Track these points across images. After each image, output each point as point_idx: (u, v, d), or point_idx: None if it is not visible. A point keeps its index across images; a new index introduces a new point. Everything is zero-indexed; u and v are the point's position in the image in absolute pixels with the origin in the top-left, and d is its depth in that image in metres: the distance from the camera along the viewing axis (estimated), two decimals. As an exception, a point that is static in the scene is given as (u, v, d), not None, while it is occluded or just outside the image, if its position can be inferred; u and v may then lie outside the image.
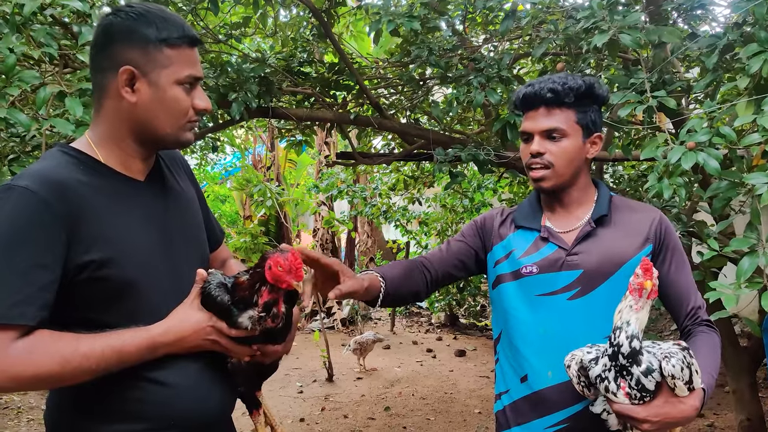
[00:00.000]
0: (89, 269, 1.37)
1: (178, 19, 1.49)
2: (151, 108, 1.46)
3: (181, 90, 1.47)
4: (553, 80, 1.84)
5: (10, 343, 1.28)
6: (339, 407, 6.39)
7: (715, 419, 5.45)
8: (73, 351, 1.34)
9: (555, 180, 1.85)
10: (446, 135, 4.49)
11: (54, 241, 1.33)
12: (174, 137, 1.51)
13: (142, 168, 1.55)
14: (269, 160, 12.81)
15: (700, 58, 2.77)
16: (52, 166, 1.42)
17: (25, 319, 1.30)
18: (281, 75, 4.27)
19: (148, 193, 1.55)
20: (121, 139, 1.49)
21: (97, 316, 1.42)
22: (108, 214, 1.43)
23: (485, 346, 9.20)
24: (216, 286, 1.50)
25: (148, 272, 1.47)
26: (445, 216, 9.34)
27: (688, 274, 1.89)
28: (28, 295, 1.30)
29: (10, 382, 1.30)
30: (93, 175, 1.45)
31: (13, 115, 2.20)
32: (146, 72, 1.44)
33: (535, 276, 1.86)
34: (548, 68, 4.57)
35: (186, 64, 1.47)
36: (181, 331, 1.46)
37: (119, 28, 1.44)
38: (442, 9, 3.92)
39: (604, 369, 1.56)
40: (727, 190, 2.37)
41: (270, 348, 1.57)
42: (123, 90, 1.44)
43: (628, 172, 5.51)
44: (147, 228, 1.51)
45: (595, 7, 2.68)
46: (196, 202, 1.73)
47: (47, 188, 1.34)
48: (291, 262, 1.44)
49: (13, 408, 6.15)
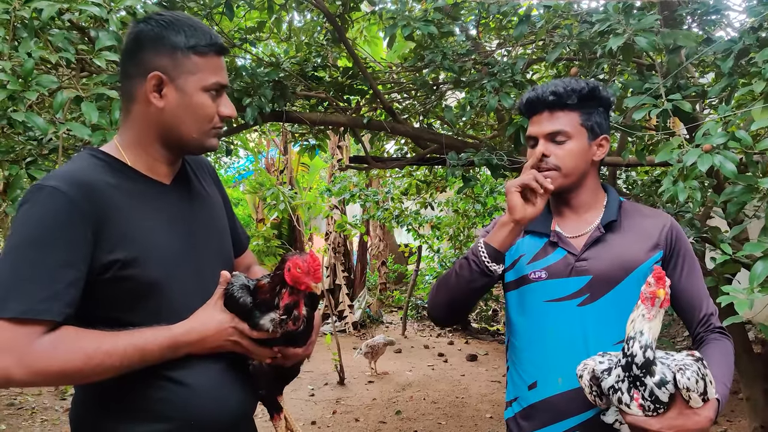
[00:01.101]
0: (114, 268, 1.41)
1: (206, 27, 1.53)
2: (178, 113, 1.50)
3: (207, 96, 1.51)
4: (555, 83, 1.84)
5: (37, 338, 1.32)
6: (350, 411, 6.39)
7: (728, 426, 5.41)
8: (97, 348, 1.36)
9: (561, 181, 1.84)
10: (459, 139, 4.49)
11: (81, 239, 1.37)
12: (199, 142, 1.55)
13: (168, 172, 1.59)
14: (282, 164, 12.85)
15: (716, 63, 2.76)
16: (81, 167, 1.46)
17: (51, 314, 1.33)
18: (295, 79, 4.28)
19: (174, 196, 1.59)
20: (148, 144, 1.53)
21: (122, 314, 1.45)
22: (133, 216, 1.46)
23: (497, 351, 9.17)
24: (239, 287, 1.52)
25: (171, 273, 1.50)
26: (457, 221, 9.33)
27: (700, 280, 1.88)
28: (55, 291, 1.33)
29: (35, 376, 1.32)
30: (120, 178, 1.49)
31: (30, 119, 2.22)
32: (174, 78, 1.48)
33: (545, 281, 1.86)
34: (562, 73, 4.56)
35: (213, 72, 1.51)
36: (203, 331, 1.49)
37: (149, 36, 1.48)
38: (455, 14, 3.93)
39: (617, 380, 1.55)
40: (741, 194, 2.35)
41: (291, 350, 1.58)
42: (151, 95, 1.48)
43: (641, 177, 5.49)
44: (171, 230, 1.54)
45: (611, 11, 2.67)
46: (222, 207, 1.76)
47: (75, 188, 1.38)
48: (309, 264, 1.46)
49: (27, 408, 6.20)
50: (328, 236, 11.70)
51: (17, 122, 2.21)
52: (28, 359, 1.31)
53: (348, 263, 11.87)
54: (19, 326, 1.31)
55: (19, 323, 1.31)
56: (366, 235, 12.10)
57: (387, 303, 12.88)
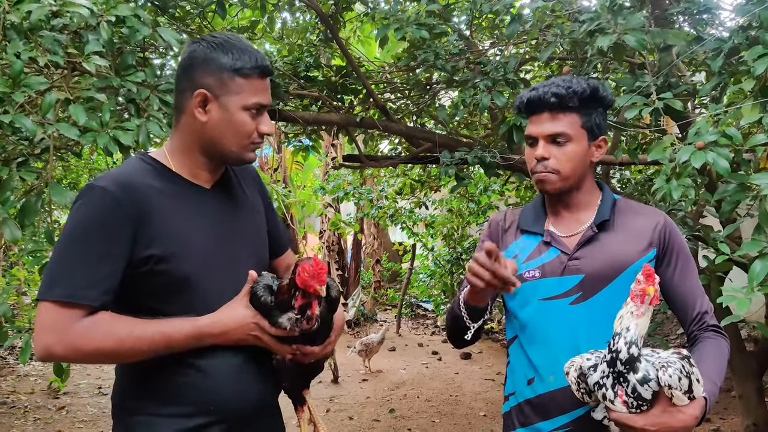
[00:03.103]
0: (150, 263, 1.56)
1: (253, 50, 1.66)
2: (219, 128, 1.63)
3: (247, 115, 1.63)
4: (557, 84, 1.82)
5: (77, 320, 1.50)
6: (344, 409, 6.39)
7: (721, 424, 5.42)
8: (129, 333, 1.53)
9: (560, 184, 1.85)
10: (452, 138, 4.49)
11: (122, 235, 1.53)
12: (237, 155, 1.68)
13: (209, 178, 1.72)
14: (276, 162, 12.82)
15: (706, 62, 2.77)
16: (129, 171, 1.63)
17: (90, 300, 1.51)
18: (288, 78, 4.28)
19: (213, 200, 1.72)
20: (191, 152, 1.67)
21: (158, 305, 1.59)
22: (172, 216, 1.61)
23: (491, 349, 9.19)
24: (263, 287, 1.63)
25: (205, 270, 1.63)
26: (451, 220, 9.33)
27: (695, 278, 1.88)
28: (97, 280, 1.51)
29: (73, 353, 1.52)
30: (163, 181, 1.64)
31: (18, 120, 2.22)
32: (218, 96, 1.61)
33: (538, 280, 1.86)
34: (555, 72, 4.57)
35: (255, 93, 1.63)
36: (227, 324, 1.61)
37: (200, 55, 1.62)
38: (447, 16, 3.93)
39: (602, 375, 1.56)
40: (735, 193, 2.36)
41: (308, 348, 1.68)
42: (196, 110, 1.62)
43: (635, 176, 5.51)
44: (208, 230, 1.67)
45: (599, 10, 2.67)
46: (262, 212, 1.87)
47: (121, 189, 1.54)
48: (314, 268, 1.56)
49: (20, 407, 6.18)
50: (322, 234, 11.68)
51: (5, 124, 2.21)
52: (67, 338, 1.49)
53: (342, 261, 11.87)
54: (63, 308, 1.49)
55: (63, 305, 1.49)
56: (360, 234, 12.10)
57: (381, 301, 12.88)
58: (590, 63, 3.26)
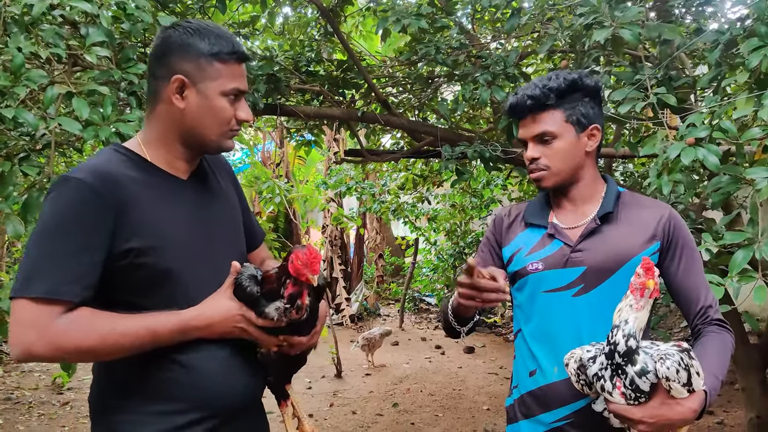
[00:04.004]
0: (130, 256, 1.50)
1: (230, 36, 1.63)
2: (197, 115, 1.59)
3: (225, 101, 1.60)
4: (534, 85, 1.85)
5: (57, 316, 1.43)
6: (347, 403, 6.41)
7: (724, 416, 5.43)
8: (111, 329, 1.48)
9: (554, 179, 1.87)
10: (454, 132, 4.49)
11: (101, 228, 1.48)
12: (216, 143, 1.65)
13: (186, 168, 1.68)
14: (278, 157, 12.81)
15: (704, 54, 2.77)
16: (105, 161, 1.57)
17: (70, 296, 1.45)
18: (289, 73, 4.28)
19: (190, 191, 1.68)
20: (168, 141, 1.64)
21: (138, 300, 1.54)
22: (151, 207, 1.56)
23: (494, 343, 9.20)
24: (247, 277, 1.60)
25: (186, 262, 1.59)
26: (454, 215, 9.33)
27: (699, 272, 1.87)
28: (76, 275, 1.46)
29: (54, 351, 1.45)
30: (140, 172, 1.59)
31: (20, 115, 2.22)
32: (196, 82, 1.58)
33: (541, 273, 1.87)
34: (557, 65, 4.56)
35: (233, 78, 1.60)
36: (212, 316, 1.57)
37: (176, 41, 1.59)
38: (449, 9, 3.93)
39: (600, 367, 1.56)
40: (727, 185, 2.36)
41: (295, 339, 1.66)
42: (173, 96, 1.58)
43: (638, 169, 5.50)
44: (187, 222, 1.63)
45: (596, 3, 2.67)
46: (237, 204, 1.85)
47: (99, 181, 1.49)
48: (307, 257, 1.54)
49: (24, 403, 6.21)
50: (325, 229, 11.69)
51: (8, 118, 2.21)
52: (48, 335, 1.43)
53: (345, 256, 11.88)
54: (42, 305, 1.43)
55: (42, 302, 1.43)
56: (363, 228, 12.10)
57: (384, 296, 12.88)
58: (590, 56, 3.25)
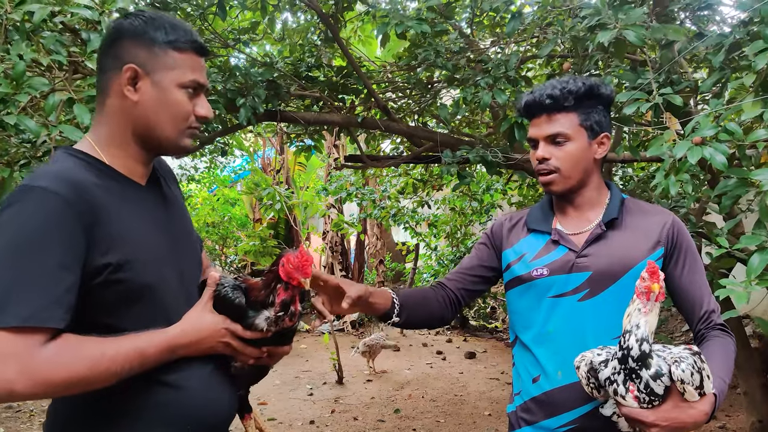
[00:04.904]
0: (106, 272, 1.35)
1: (188, 27, 1.49)
2: (153, 109, 1.45)
3: (183, 94, 1.46)
4: (552, 85, 1.84)
5: (40, 346, 1.25)
6: (349, 409, 6.39)
7: (726, 421, 5.42)
8: (101, 354, 1.32)
9: (563, 184, 1.87)
10: (454, 137, 4.49)
11: (75, 242, 1.31)
12: (174, 142, 1.49)
13: (143, 172, 1.54)
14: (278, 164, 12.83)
15: (707, 57, 2.77)
16: (66, 167, 1.40)
17: (54, 321, 1.27)
18: (289, 79, 4.28)
19: (150, 198, 1.54)
20: (124, 142, 1.48)
21: (113, 320, 1.39)
22: (121, 217, 1.40)
23: (495, 348, 9.18)
24: (231, 288, 1.52)
25: (161, 276, 1.46)
26: (454, 219, 9.32)
27: (702, 277, 1.88)
28: (55, 297, 1.27)
29: (39, 386, 1.26)
30: (103, 178, 1.43)
31: (22, 122, 2.22)
32: (150, 72, 1.43)
33: (546, 278, 1.87)
34: (556, 70, 4.56)
35: (191, 69, 1.47)
36: (197, 332, 1.47)
37: (128, 29, 1.45)
38: (448, 13, 3.93)
39: (613, 372, 1.56)
40: (735, 188, 2.36)
41: (280, 349, 1.59)
42: (125, 88, 1.43)
43: (637, 173, 5.50)
44: (155, 232, 1.49)
45: (600, 5, 2.67)
46: (187, 210, 1.73)
47: (67, 189, 1.32)
48: (299, 259, 1.48)
49: (26, 411, 6.19)
50: (326, 235, 11.70)
51: (9, 125, 2.21)
52: (31, 369, 1.24)
53: (345, 262, 11.88)
54: (21, 335, 1.24)
55: (21, 332, 1.24)
56: (363, 234, 12.10)
57: (385, 301, 12.86)
58: (591, 60, 3.26)
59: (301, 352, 9.02)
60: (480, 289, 2.10)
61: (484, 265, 2.06)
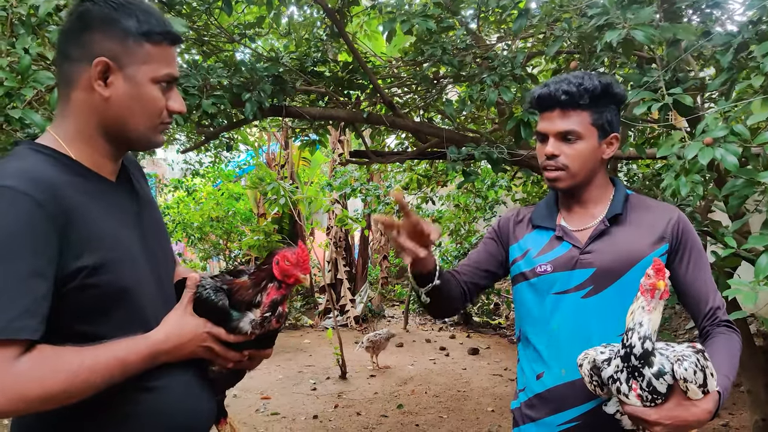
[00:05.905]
0: (81, 276, 1.27)
1: (159, 13, 1.41)
2: (125, 105, 1.36)
3: (157, 89, 1.39)
4: (568, 81, 1.82)
5: (13, 360, 1.17)
6: (352, 404, 6.40)
7: (730, 419, 5.41)
8: (79, 365, 1.24)
9: (570, 181, 1.86)
10: (460, 133, 4.48)
11: (47, 246, 1.22)
12: (146, 138, 1.42)
13: (112, 168, 1.45)
14: (283, 158, 12.82)
15: (715, 56, 2.75)
16: (32, 163, 1.30)
17: (28, 332, 1.18)
18: (295, 74, 4.28)
19: (122, 195, 1.46)
20: (92, 137, 1.39)
21: (89, 327, 1.32)
22: (94, 217, 1.32)
23: (498, 345, 9.18)
24: (213, 290, 1.47)
25: (138, 277, 1.39)
26: (458, 215, 9.32)
27: (707, 273, 1.87)
28: (28, 306, 1.18)
29: (15, 403, 1.17)
30: (70, 174, 1.34)
31: (28, 116, 2.22)
32: (123, 66, 1.35)
33: (550, 275, 1.87)
34: (562, 67, 4.55)
35: (165, 63, 1.39)
36: (180, 337, 1.41)
37: (97, 16, 1.34)
38: (455, 9, 3.92)
39: (616, 370, 1.56)
40: (743, 188, 2.35)
41: (262, 352, 1.55)
42: (95, 83, 1.34)
43: (643, 171, 5.48)
44: (128, 231, 1.42)
45: (608, 5, 2.66)
46: (158, 207, 1.65)
47: (36, 188, 1.23)
48: (299, 255, 1.44)
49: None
50: (330, 231, 11.69)
51: (14, 119, 2.21)
52: (5, 385, 1.16)
53: (349, 258, 11.87)
54: None
55: None
56: (367, 230, 12.09)
57: (389, 297, 12.89)
58: (598, 58, 3.24)
59: (305, 347, 9.04)
60: (485, 284, 2.09)
61: (493, 260, 2.06)
